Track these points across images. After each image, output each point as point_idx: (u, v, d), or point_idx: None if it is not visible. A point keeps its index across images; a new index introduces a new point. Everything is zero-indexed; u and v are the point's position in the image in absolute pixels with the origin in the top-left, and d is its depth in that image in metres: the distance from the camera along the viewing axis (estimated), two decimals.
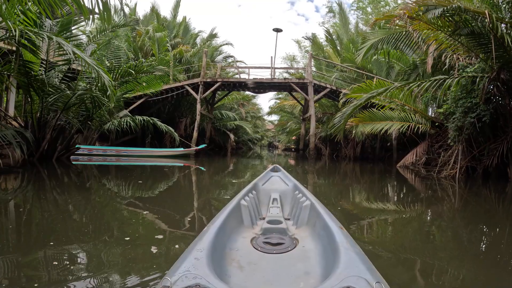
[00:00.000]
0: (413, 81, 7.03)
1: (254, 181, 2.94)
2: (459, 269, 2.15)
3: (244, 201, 2.21)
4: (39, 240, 2.44)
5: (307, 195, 2.35)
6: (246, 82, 15.48)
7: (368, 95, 6.70)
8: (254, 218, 2.20)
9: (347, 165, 13.25)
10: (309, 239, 1.81)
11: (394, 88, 6.65)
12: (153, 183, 6.06)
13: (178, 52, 17.52)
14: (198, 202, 4.47)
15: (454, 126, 7.25)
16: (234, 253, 1.61)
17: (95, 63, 5.10)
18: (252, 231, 1.95)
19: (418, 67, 10.72)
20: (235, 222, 1.92)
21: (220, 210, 1.92)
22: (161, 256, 2.11)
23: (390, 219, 3.70)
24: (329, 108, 18.63)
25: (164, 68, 8.12)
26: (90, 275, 1.80)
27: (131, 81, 7.97)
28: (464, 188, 6.26)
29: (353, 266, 1.12)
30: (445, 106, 8.20)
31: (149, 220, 3.11)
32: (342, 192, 5.85)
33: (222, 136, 22.40)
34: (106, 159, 10.61)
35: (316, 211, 1.94)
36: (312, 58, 15.68)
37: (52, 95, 6.66)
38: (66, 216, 3.24)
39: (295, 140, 29.76)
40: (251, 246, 1.71)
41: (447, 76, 6.96)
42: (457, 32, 6.02)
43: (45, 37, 4.99)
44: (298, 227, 2.08)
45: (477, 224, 3.57)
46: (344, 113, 7.44)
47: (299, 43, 28.30)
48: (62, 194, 4.59)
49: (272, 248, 1.67)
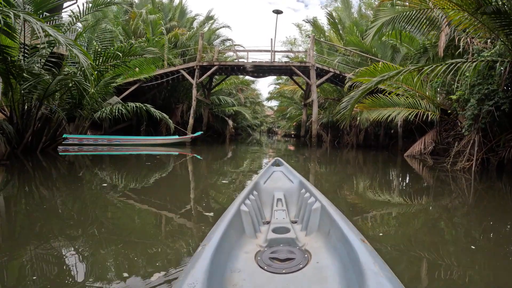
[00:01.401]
0: (426, 64, 6.43)
1: (254, 179, 2.69)
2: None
3: (245, 205, 1.96)
4: (14, 239, 2.33)
5: (315, 194, 2.10)
6: (244, 66, 14.76)
7: (378, 78, 6.11)
8: (257, 224, 1.95)
9: (348, 152, 12.79)
10: (323, 252, 1.56)
11: (408, 71, 6.05)
12: (142, 175, 5.56)
13: (173, 35, 16.70)
14: (192, 196, 4.01)
15: (470, 115, 6.69)
16: (236, 276, 1.37)
17: (71, 42, 4.48)
18: (256, 243, 1.70)
19: (428, 51, 10.05)
20: (235, 233, 1.68)
21: (217, 221, 1.68)
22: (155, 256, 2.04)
23: (408, 216, 3.22)
24: (331, 93, 17.96)
25: (155, 50, 7.45)
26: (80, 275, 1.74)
27: (120, 64, 7.33)
28: (483, 182, 5.75)
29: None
30: (458, 93, 7.61)
31: (132, 219, 2.86)
32: (353, 184, 5.34)
33: (220, 122, 21.81)
34: (97, 149, 10.08)
35: (329, 216, 1.70)
36: (315, 40, 14.92)
37: (28, 82, 6.04)
38: (45, 213, 3.02)
39: (295, 126, 29.22)
40: (256, 263, 1.47)
41: (464, 60, 6.35)
42: (480, 10, 5.38)
43: (20, 16, 4.37)
44: (308, 234, 1.84)
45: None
46: (351, 98, 6.85)
47: (300, 27, 27.27)
48: (39, 189, 4.13)
49: (281, 266, 1.43)
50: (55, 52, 8.45)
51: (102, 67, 7.11)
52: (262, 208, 2.35)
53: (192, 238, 2.50)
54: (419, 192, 4.83)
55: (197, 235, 2.54)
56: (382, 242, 2.44)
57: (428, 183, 5.71)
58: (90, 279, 1.73)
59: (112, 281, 1.73)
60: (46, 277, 1.75)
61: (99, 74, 7.37)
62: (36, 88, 6.24)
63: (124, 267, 1.91)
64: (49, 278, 1.74)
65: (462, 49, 7.74)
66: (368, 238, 1.51)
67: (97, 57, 6.75)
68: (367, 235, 2.51)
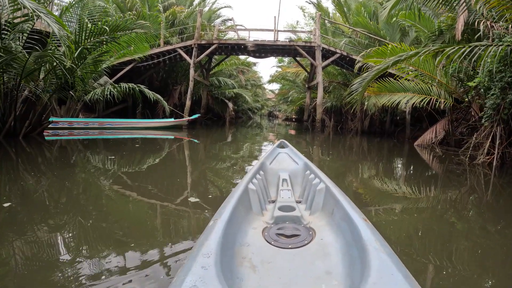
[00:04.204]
0: (448, 45, 5.77)
1: (260, 160, 2.79)
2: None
3: (252, 184, 2.05)
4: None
5: (320, 176, 2.19)
6: (246, 45, 13.96)
7: (395, 57, 5.50)
8: (263, 203, 2.07)
9: (354, 138, 12.24)
10: (327, 230, 1.64)
11: (428, 52, 5.41)
12: (130, 161, 5.04)
13: (170, 13, 15.79)
14: (187, 188, 3.58)
15: (492, 104, 6.09)
16: (245, 249, 1.46)
17: (41, 9, 3.84)
18: (263, 219, 1.81)
19: (444, 34, 9.30)
20: (243, 210, 1.77)
21: (227, 197, 1.76)
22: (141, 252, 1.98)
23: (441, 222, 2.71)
24: (335, 76, 17.20)
25: (146, 23, 6.75)
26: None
27: (109, 40, 6.66)
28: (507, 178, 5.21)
29: (388, 275, 0.96)
30: (477, 79, 6.98)
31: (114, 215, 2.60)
32: (373, 179, 4.82)
33: (220, 105, 21.10)
34: (88, 133, 9.52)
35: (333, 196, 1.78)
36: (321, 19, 14.07)
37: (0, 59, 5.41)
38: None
39: (296, 110, 28.53)
40: (263, 239, 1.56)
41: (489, 43, 5.70)
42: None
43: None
44: (312, 213, 1.93)
45: None
46: (363, 79, 6.26)
47: (303, 9, 26.09)
48: (14, 179, 3.64)
49: (287, 242, 1.52)
50: (42, 30, 7.77)
51: (88, 43, 6.44)
52: (268, 188, 2.43)
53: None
54: (446, 194, 4.29)
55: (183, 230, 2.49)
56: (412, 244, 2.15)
57: (453, 183, 5.13)
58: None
59: (129, 249, 1.98)
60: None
61: (86, 52, 6.72)
62: (13, 67, 5.62)
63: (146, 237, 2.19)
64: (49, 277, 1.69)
65: (482, 33, 7.07)
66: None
67: (82, 31, 6.07)
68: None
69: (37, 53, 5.47)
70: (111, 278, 1.65)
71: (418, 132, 11.87)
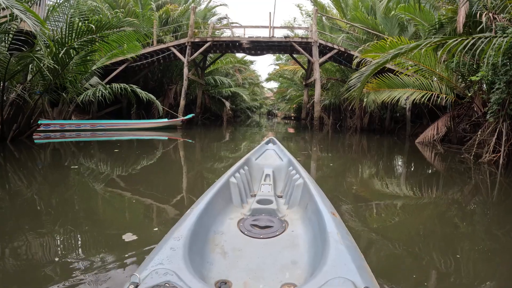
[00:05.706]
0: (450, 37, 5.51)
1: (247, 155, 2.84)
2: None
3: (234, 178, 2.13)
4: None
5: (300, 172, 2.26)
6: (240, 42, 13.65)
7: (395, 50, 5.25)
8: (245, 196, 2.13)
9: (353, 136, 11.98)
10: (299, 223, 1.72)
11: (430, 43, 5.14)
12: (119, 164, 4.78)
13: (164, 11, 15.47)
14: (183, 187, 3.36)
15: (497, 99, 5.83)
16: (218, 237, 1.52)
17: (17, 4, 3.57)
18: (241, 211, 1.87)
19: (445, 27, 9.02)
20: (223, 202, 1.83)
21: (207, 189, 1.83)
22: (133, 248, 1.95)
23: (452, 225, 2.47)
24: (333, 73, 16.93)
25: (133, 21, 6.46)
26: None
27: (95, 40, 6.37)
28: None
29: (341, 264, 1.01)
30: (481, 73, 6.72)
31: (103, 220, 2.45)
32: (378, 180, 4.56)
33: (217, 104, 20.78)
34: (80, 135, 9.24)
35: (309, 191, 1.82)
36: (318, 14, 13.79)
37: None
38: None
39: (295, 108, 28.25)
40: (238, 228, 1.64)
41: (493, 35, 5.44)
42: None
43: None
44: (289, 207, 2.00)
45: None
46: (362, 74, 6.00)
47: (300, 7, 25.70)
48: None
49: (259, 232, 1.59)
50: (29, 31, 7.48)
51: (75, 42, 6.15)
52: (252, 183, 2.50)
53: None
54: (450, 195, 4.03)
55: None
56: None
57: (458, 183, 4.86)
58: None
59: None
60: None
61: (73, 52, 6.44)
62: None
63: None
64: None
65: (484, 25, 6.80)
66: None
67: (67, 29, 5.78)
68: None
69: (19, 53, 5.19)
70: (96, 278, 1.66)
71: (418, 129, 11.62)
